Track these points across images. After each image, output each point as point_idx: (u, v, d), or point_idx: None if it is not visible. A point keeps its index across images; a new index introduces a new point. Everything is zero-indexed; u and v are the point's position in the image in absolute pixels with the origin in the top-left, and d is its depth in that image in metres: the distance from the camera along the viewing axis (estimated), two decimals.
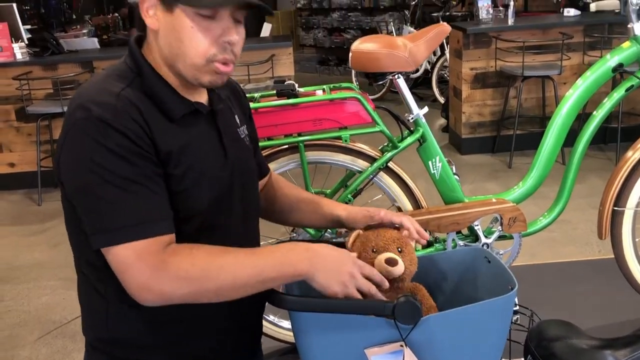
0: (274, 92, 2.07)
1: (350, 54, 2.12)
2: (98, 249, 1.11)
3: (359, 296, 1.18)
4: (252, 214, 1.42)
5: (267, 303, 1.24)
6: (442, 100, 6.22)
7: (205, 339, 1.30)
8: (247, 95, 2.07)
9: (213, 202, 1.25)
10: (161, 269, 1.09)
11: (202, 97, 1.29)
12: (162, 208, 1.14)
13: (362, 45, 2.09)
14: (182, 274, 1.10)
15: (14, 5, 5.09)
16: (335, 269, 1.17)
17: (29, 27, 5.97)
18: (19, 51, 4.72)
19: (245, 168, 1.37)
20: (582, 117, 2.98)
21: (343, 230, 2.12)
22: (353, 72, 6.97)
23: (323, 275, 1.16)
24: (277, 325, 2.35)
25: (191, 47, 1.16)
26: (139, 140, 1.12)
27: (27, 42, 4.89)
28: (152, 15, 1.18)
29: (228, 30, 1.17)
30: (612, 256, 2.30)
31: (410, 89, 6.56)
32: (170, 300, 1.12)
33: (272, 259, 1.16)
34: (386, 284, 1.24)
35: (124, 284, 1.11)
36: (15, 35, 4.83)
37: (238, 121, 1.40)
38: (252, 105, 2.00)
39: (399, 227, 1.41)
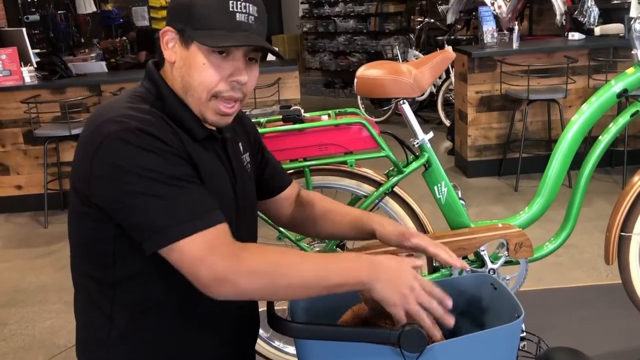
0: (280, 117, 2.08)
1: (356, 80, 2.13)
2: (154, 251, 1.11)
3: (418, 310, 1.15)
4: (252, 238, 1.45)
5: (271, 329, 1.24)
6: (447, 123, 6.23)
7: None
8: (253, 120, 2.09)
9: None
10: (236, 262, 1.10)
11: (212, 125, 1.32)
12: (212, 200, 1.17)
13: (367, 72, 2.11)
14: (256, 268, 1.12)
15: (24, 29, 5.16)
16: (396, 280, 1.16)
17: (37, 51, 6.05)
18: (28, 75, 4.77)
19: (248, 193, 1.41)
20: (587, 141, 2.98)
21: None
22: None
23: (383, 286, 1.15)
24: (282, 351, 2.33)
25: (200, 81, 1.20)
26: (177, 147, 1.16)
27: (35, 65, 4.94)
28: (171, 48, 1.23)
29: (239, 70, 1.21)
30: (620, 281, 2.29)
31: (416, 111, 6.55)
32: (243, 294, 1.12)
33: (337, 264, 1.18)
34: (449, 302, 1.20)
35: (196, 279, 1.10)
36: (25, 59, 4.88)
37: (241, 148, 1.43)
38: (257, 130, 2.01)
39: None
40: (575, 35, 4.92)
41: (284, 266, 1.14)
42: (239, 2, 1.18)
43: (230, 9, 1.18)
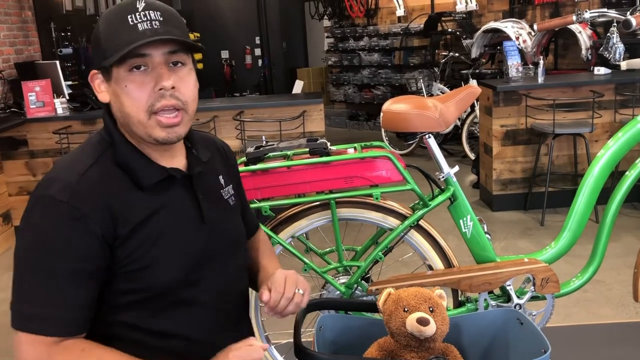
0: (307, 150, 2.11)
1: (382, 114, 2.16)
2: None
3: None
4: (234, 279, 1.37)
5: None
6: (472, 156, 6.22)
7: None
8: (278, 153, 2.12)
9: (185, 269, 1.24)
10: None
11: (179, 162, 1.30)
12: (72, 309, 1.14)
13: (393, 106, 2.13)
14: None
15: (57, 62, 5.31)
16: None
17: (70, 82, 6.20)
18: (60, 106, 4.89)
19: (226, 230, 1.36)
20: (614, 175, 2.96)
21: (374, 288, 2.13)
22: None
23: None
24: None
25: (131, 105, 1.18)
26: (87, 229, 1.14)
27: (68, 97, 5.06)
28: (102, 91, 1.24)
29: (160, 76, 1.18)
30: None
31: (440, 144, 6.53)
32: None
33: None
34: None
35: None
36: (58, 91, 5.01)
37: (222, 182, 1.40)
38: (285, 163, 2.05)
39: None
40: (601, 70, 4.91)
41: None
42: (137, 14, 1.16)
43: (131, 23, 1.16)
